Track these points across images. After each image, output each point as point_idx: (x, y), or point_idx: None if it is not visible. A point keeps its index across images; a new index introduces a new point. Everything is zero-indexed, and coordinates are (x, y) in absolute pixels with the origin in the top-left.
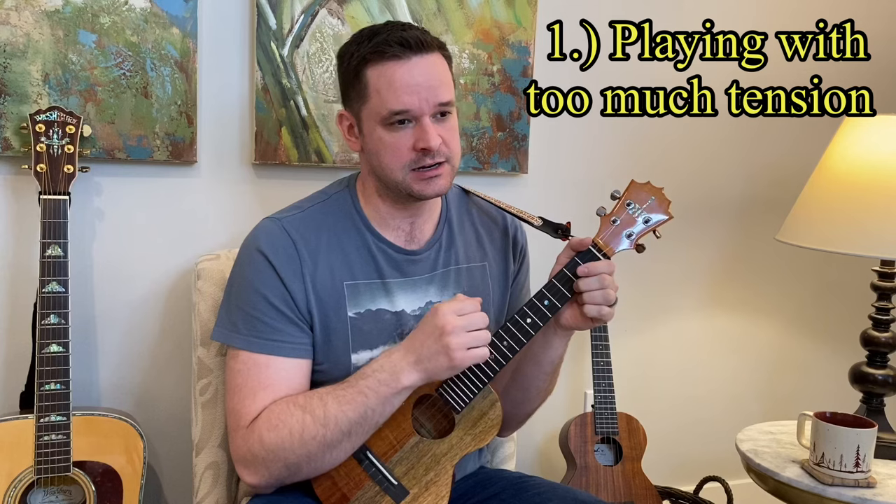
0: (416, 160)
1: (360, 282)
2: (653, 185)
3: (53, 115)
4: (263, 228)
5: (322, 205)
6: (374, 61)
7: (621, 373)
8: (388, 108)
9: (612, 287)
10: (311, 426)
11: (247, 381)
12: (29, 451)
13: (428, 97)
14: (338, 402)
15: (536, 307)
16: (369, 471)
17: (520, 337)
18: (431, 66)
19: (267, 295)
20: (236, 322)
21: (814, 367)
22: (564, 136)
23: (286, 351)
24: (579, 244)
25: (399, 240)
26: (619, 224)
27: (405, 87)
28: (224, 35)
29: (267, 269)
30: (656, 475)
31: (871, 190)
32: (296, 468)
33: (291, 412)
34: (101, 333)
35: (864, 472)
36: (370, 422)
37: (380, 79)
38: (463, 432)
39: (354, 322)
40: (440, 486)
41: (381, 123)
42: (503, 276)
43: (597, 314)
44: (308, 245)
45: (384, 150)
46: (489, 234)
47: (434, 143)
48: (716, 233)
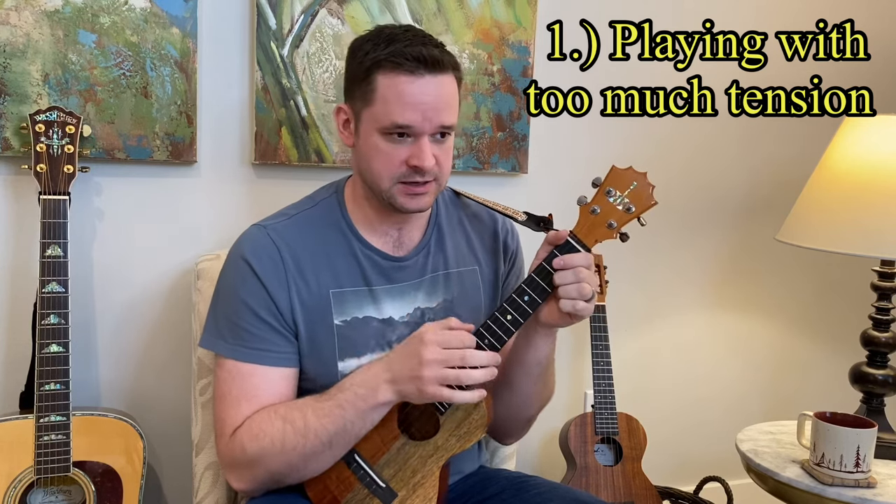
0: (406, 175)
1: (346, 289)
2: (635, 170)
3: (53, 115)
4: (249, 236)
5: (309, 211)
6: (386, 69)
7: (621, 373)
8: (390, 120)
9: (589, 280)
10: (291, 437)
11: (231, 390)
12: (29, 451)
13: (432, 118)
14: (317, 415)
15: (517, 303)
16: (358, 473)
17: (501, 335)
18: (442, 87)
19: (251, 304)
20: (222, 330)
21: (814, 367)
22: (564, 136)
23: (271, 360)
24: (556, 237)
25: (386, 246)
26: (600, 213)
27: (412, 103)
28: (224, 35)
29: (251, 278)
30: (656, 475)
31: (871, 190)
32: (279, 476)
33: (272, 422)
34: (101, 333)
35: (864, 472)
36: (350, 434)
37: (389, 88)
38: (448, 433)
39: (341, 330)
40: (427, 489)
41: (380, 131)
42: (493, 279)
43: (571, 309)
44: (293, 253)
45: (377, 157)
46: (480, 237)
47: (428, 164)
48: (716, 233)
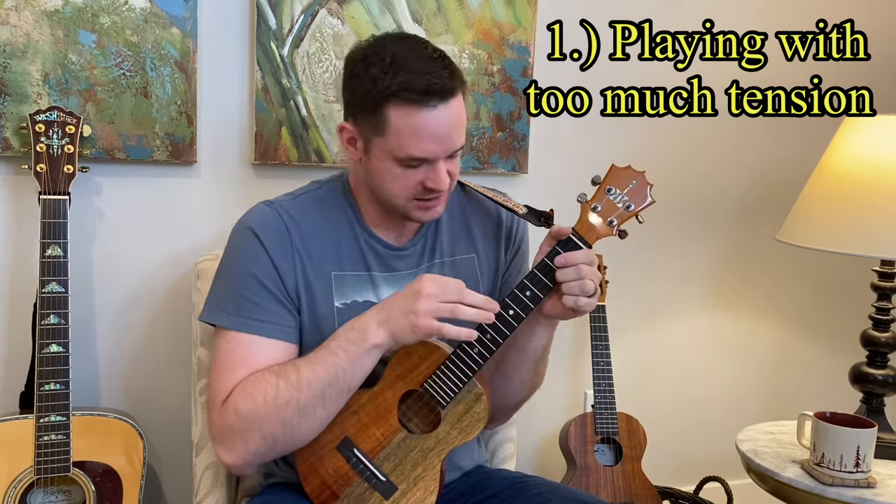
0: (422, 193)
1: (347, 273)
2: (634, 169)
3: (53, 115)
4: (257, 211)
5: (316, 192)
6: (397, 102)
7: (621, 373)
8: (406, 153)
9: (591, 277)
10: (284, 391)
11: (228, 358)
12: (29, 452)
13: (448, 146)
14: (309, 365)
15: (519, 298)
16: (357, 468)
17: (503, 329)
18: (454, 113)
19: (256, 273)
20: (225, 301)
21: (814, 367)
22: (564, 136)
23: (271, 332)
24: (559, 233)
25: (388, 237)
26: (600, 210)
27: (428, 137)
28: (224, 35)
29: (258, 248)
30: (656, 475)
31: (871, 190)
32: (272, 439)
33: (266, 378)
34: (101, 333)
35: (864, 472)
36: (342, 383)
37: (401, 121)
38: (449, 426)
39: (341, 312)
40: (428, 481)
41: (395, 161)
42: (493, 268)
43: (574, 305)
44: (300, 230)
45: (391, 180)
46: (481, 225)
47: (444, 186)
48: (716, 233)
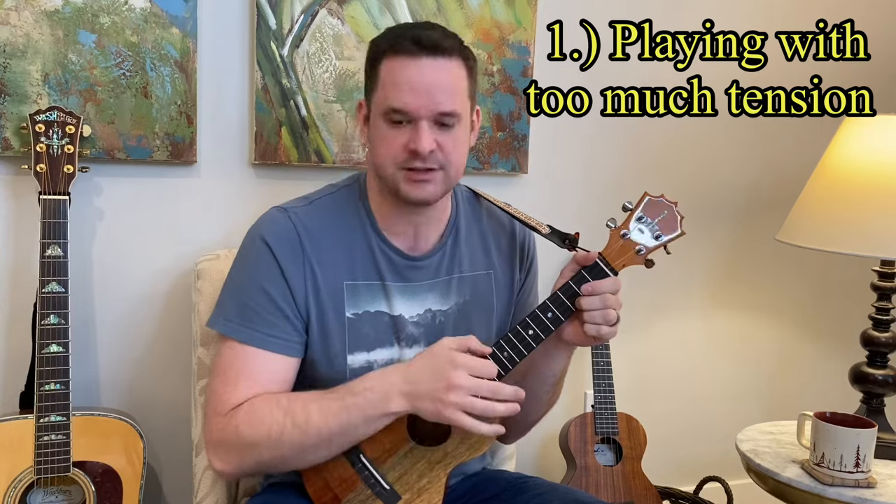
0: (407, 160)
1: (360, 282)
2: (667, 199)
3: (53, 115)
4: (270, 218)
5: (331, 197)
6: (388, 55)
7: (621, 373)
8: (388, 104)
9: (615, 306)
10: (289, 431)
11: (232, 367)
12: (29, 452)
13: (427, 102)
14: (321, 414)
15: (539, 319)
16: (362, 474)
17: (521, 349)
18: (442, 71)
19: (266, 286)
20: (232, 311)
21: (814, 367)
22: (564, 136)
23: (276, 346)
24: (585, 259)
25: (404, 245)
26: (629, 238)
27: (408, 86)
28: (224, 35)
29: (269, 260)
30: (656, 475)
31: (871, 190)
32: (267, 466)
33: (273, 413)
34: (101, 333)
35: (864, 472)
36: (351, 436)
37: (389, 73)
38: (458, 441)
39: (352, 322)
40: (432, 493)
41: (383, 117)
42: (509, 284)
43: (595, 333)
44: (312, 238)
45: (380, 143)
46: (497, 240)
47: (423, 148)
48: (716, 233)
